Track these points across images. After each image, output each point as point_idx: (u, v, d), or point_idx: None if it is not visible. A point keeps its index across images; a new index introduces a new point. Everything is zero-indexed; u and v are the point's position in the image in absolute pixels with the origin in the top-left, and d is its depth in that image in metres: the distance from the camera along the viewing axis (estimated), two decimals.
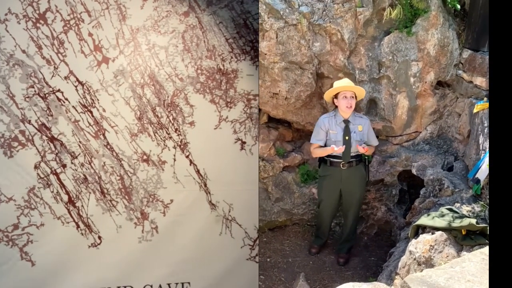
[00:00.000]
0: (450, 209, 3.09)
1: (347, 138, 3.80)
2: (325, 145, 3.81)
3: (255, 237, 3.08)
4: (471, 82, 3.94)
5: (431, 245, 2.81)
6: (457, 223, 2.89)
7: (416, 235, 3.05)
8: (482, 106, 3.58)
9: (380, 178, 4.39)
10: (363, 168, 3.95)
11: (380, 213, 4.48)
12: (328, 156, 3.81)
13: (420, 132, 4.35)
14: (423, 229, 3.08)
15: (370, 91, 4.30)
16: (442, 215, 3.03)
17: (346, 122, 3.82)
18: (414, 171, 4.04)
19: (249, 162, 3.01)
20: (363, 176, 3.94)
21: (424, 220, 3.04)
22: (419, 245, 2.81)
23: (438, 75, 4.16)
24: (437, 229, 2.92)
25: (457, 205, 3.20)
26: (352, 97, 3.75)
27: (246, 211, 3.04)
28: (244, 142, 2.98)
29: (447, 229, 2.90)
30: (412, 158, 4.24)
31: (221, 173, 2.95)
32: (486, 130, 3.42)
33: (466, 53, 4.04)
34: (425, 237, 2.88)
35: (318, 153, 3.80)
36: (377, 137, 4.10)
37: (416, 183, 4.16)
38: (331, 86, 3.90)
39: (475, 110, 3.64)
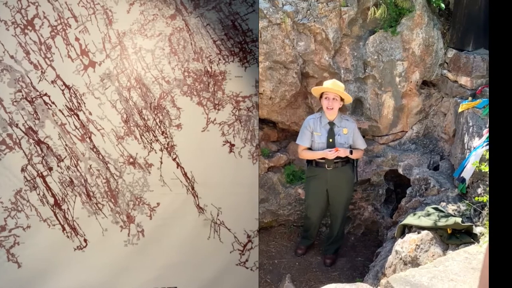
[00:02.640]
0: (436, 208, 3.37)
1: (331, 140, 4.02)
2: (311, 147, 4.03)
3: (245, 242, 3.33)
4: (456, 81, 4.25)
5: (417, 245, 3.08)
6: (442, 222, 3.11)
7: (402, 234, 3.33)
8: (467, 106, 3.89)
9: (367, 178, 4.69)
10: (351, 169, 4.16)
11: (367, 213, 4.76)
12: None
13: (406, 131, 4.67)
14: (409, 228, 3.32)
15: (356, 90, 4.54)
16: (428, 214, 3.29)
17: (331, 124, 4.04)
18: (400, 171, 4.29)
19: (238, 165, 3.25)
20: (350, 177, 4.16)
21: (410, 220, 3.30)
22: (405, 245, 3.11)
23: (423, 75, 4.46)
24: (423, 228, 3.14)
25: (443, 204, 3.48)
26: (335, 99, 3.96)
27: (235, 215, 3.29)
28: (233, 145, 3.24)
29: (433, 228, 3.13)
30: (398, 157, 4.51)
31: (209, 176, 3.21)
32: (471, 129, 3.71)
33: (451, 53, 4.34)
34: (411, 237, 3.15)
35: (308, 156, 4.04)
36: (364, 136, 4.30)
37: (403, 183, 4.44)
38: (318, 85, 4.19)
39: (460, 110, 3.94)
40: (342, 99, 3.98)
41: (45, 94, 2.86)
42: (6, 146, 2.82)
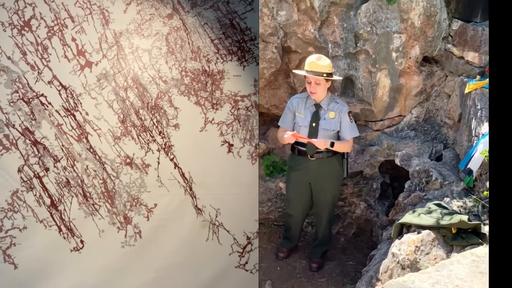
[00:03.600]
0: (439, 205, 3.16)
1: (314, 125, 3.62)
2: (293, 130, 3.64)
3: (245, 243, 3.36)
4: (462, 57, 3.90)
5: (416, 246, 2.91)
6: (446, 221, 2.89)
7: (400, 235, 3.14)
8: (474, 86, 3.55)
9: (359, 170, 4.32)
10: (339, 161, 3.75)
11: (359, 211, 4.36)
12: (297, 143, 3.64)
13: (404, 116, 4.30)
14: (407, 228, 3.11)
15: (346, 68, 4.17)
16: (430, 212, 3.10)
17: (317, 106, 3.65)
18: (397, 162, 3.95)
19: (237, 165, 3.29)
20: (337, 171, 3.76)
21: (409, 218, 3.12)
22: (403, 246, 2.96)
23: (424, 50, 4.02)
24: (424, 227, 2.92)
25: (447, 200, 3.28)
26: (318, 83, 3.52)
27: (234, 216, 3.32)
28: (232, 145, 3.28)
29: (435, 228, 2.90)
30: (395, 146, 4.13)
31: (207, 177, 3.25)
32: (479, 113, 3.42)
33: (456, 24, 3.95)
34: (410, 237, 2.98)
35: (279, 138, 3.79)
36: (355, 122, 3.73)
37: (400, 175, 4.09)
38: (302, 61, 3.81)
39: (466, 90, 3.61)
40: (328, 77, 3.51)
41: (42, 95, 2.96)
42: (3, 147, 2.92)
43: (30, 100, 2.94)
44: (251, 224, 3.32)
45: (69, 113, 2.99)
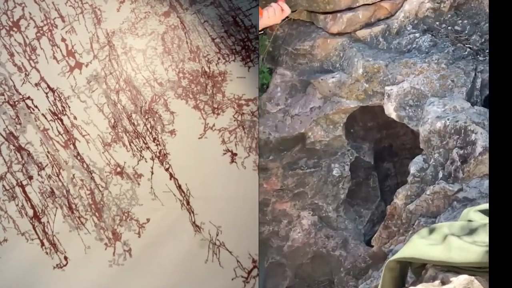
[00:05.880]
0: (485, 212, 1.81)
1: None
2: None
3: (250, 267, 3.04)
4: None
5: None
6: None
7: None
8: None
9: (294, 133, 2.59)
10: None
11: (298, 232, 2.63)
12: None
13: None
14: (417, 270, 1.77)
15: None
16: (474, 230, 1.74)
17: None
18: (390, 111, 2.32)
19: (241, 178, 3.03)
20: None
21: (420, 247, 1.75)
22: None
23: None
24: (460, 268, 1.59)
25: None
26: None
27: (237, 235, 3.03)
28: (235, 154, 3.03)
29: (479, 269, 1.56)
30: (383, 72, 2.35)
31: (207, 189, 3.01)
32: None
33: None
34: None
35: None
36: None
37: (398, 146, 2.58)
38: None
39: None
40: None
41: (28, 98, 2.91)
42: None
43: (16, 103, 2.89)
44: (257, 244, 3.02)
45: (56, 117, 2.91)
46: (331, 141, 2.51)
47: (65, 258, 2.89)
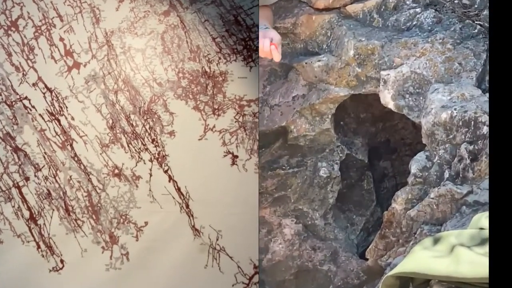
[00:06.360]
0: None
1: None
2: None
3: (251, 273, 2.97)
4: None
5: None
6: None
7: None
8: None
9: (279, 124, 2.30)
10: None
11: (280, 244, 2.36)
12: None
13: None
14: (420, 286, 1.62)
15: None
16: (483, 241, 1.57)
17: None
18: (387, 100, 2.04)
19: (242, 180, 2.97)
20: None
21: (424, 260, 1.60)
22: None
23: None
24: (467, 284, 1.45)
25: None
26: None
27: (238, 240, 2.97)
28: (236, 156, 2.98)
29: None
30: (378, 55, 2.09)
31: (207, 192, 2.96)
32: None
33: None
34: None
35: None
36: None
37: (397, 141, 2.29)
38: None
39: None
40: None
41: (25, 98, 2.90)
42: None
43: (13, 103, 2.88)
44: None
45: (53, 118, 2.90)
46: (317, 136, 2.27)
47: (61, 261, 2.86)
